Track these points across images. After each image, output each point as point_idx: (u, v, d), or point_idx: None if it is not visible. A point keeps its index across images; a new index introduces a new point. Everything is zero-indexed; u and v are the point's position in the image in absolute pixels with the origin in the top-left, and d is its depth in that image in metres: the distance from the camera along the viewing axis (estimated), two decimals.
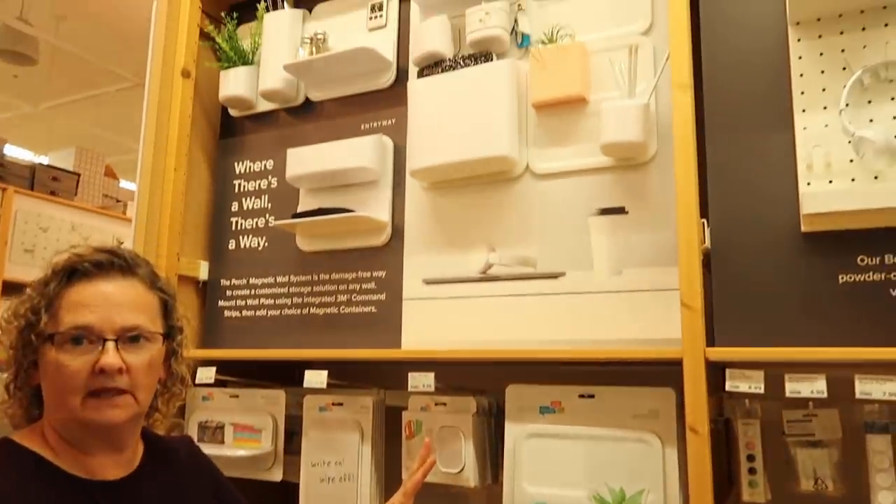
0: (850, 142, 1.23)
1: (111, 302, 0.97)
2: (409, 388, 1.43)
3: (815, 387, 1.14)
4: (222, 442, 1.74)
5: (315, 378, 1.53)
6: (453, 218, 1.62)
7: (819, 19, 1.30)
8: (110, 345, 0.95)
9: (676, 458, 1.26)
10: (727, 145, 1.33)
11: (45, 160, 4.67)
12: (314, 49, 1.82)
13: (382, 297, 1.66)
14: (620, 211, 1.46)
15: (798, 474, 1.28)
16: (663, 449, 1.26)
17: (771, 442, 1.33)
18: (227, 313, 1.87)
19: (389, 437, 1.63)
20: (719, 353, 1.20)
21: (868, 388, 1.10)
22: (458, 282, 1.57)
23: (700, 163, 1.33)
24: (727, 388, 1.19)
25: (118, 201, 4.56)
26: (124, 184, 4.97)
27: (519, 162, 1.55)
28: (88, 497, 0.95)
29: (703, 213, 1.31)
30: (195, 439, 1.77)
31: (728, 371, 1.20)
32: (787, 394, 1.15)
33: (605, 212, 1.47)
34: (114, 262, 1.01)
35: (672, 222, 1.34)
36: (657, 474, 1.25)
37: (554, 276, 1.48)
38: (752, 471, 1.30)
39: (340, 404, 1.60)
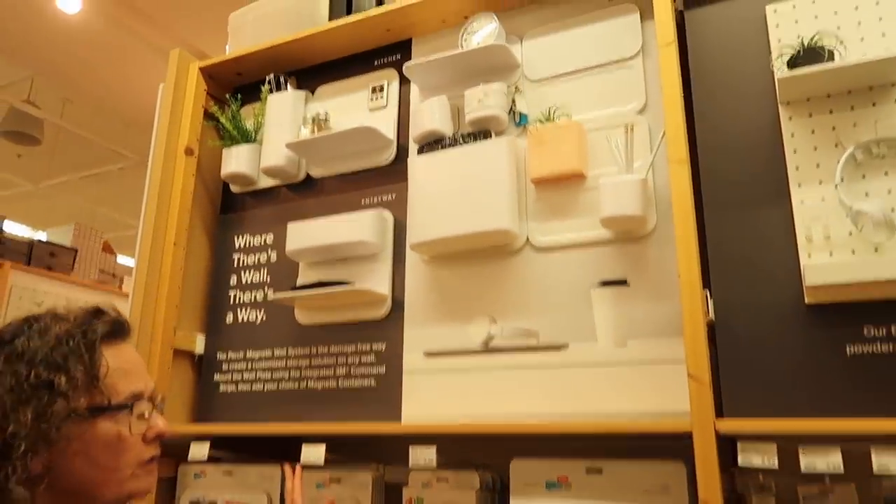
0: (847, 215, 1.25)
1: (143, 364, 0.95)
2: (410, 464, 1.39)
3: (830, 461, 1.11)
4: None
5: (313, 453, 1.49)
6: (454, 290, 1.62)
7: (808, 99, 1.35)
8: (157, 410, 0.92)
9: None
10: (726, 219, 1.36)
11: (43, 236, 4.68)
12: (316, 128, 1.87)
13: (382, 370, 1.63)
14: (622, 283, 1.46)
15: None
16: None
17: None
18: (222, 387, 1.83)
19: None
20: (729, 425, 1.18)
21: (886, 462, 1.07)
22: (460, 354, 1.55)
23: (700, 236, 1.34)
24: (740, 463, 1.16)
25: (114, 276, 4.55)
26: (121, 259, 4.97)
27: (519, 235, 1.56)
28: None
29: (706, 284, 1.31)
30: None
31: (740, 444, 1.17)
32: (803, 469, 1.12)
33: (607, 283, 1.47)
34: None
35: (674, 293, 1.35)
36: None
37: (557, 348, 1.46)
38: None
39: (338, 481, 1.55)
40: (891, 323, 1.18)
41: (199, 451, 1.64)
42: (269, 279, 1.90)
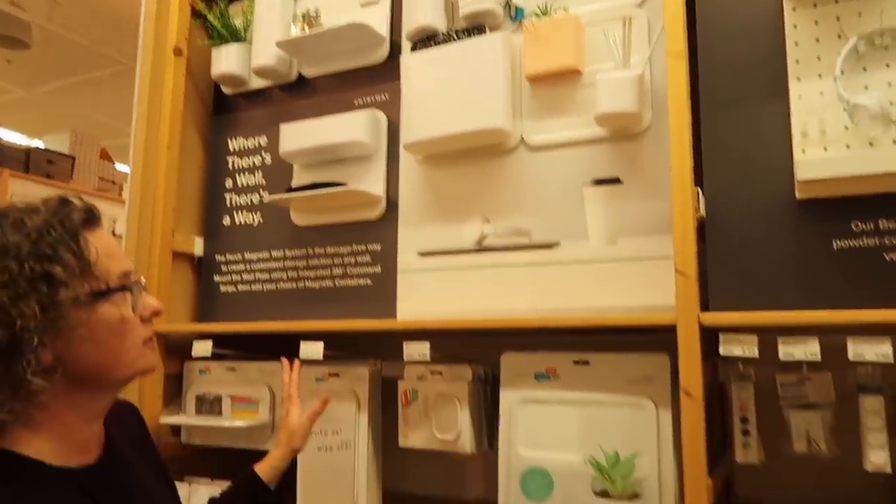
0: (844, 109, 1.23)
1: (121, 246, 0.96)
2: (405, 358, 1.44)
3: (808, 349, 1.14)
4: (220, 413, 1.75)
5: (311, 349, 1.54)
6: (448, 190, 1.62)
7: None
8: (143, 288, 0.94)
9: (670, 421, 1.27)
10: (722, 114, 1.34)
11: (40, 144, 4.65)
12: (306, 25, 1.81)
13: (377, 269, 1.66)
14: (615, 181, 1.46)
15: (791, 436, 1.29)
16: (657, 413, 1.27)
17: (764, 405, 1.34)
18: (222, 288, 1.87)
19: (386, 406, 1.64)
20: (713, 318, 1.21)
21: (861, 350, 1.11)
22: (453, 253, 1.57)
23: (695, 133, 1.33)
24: (721, 352, 1.20)
25: (114, 183, 4.55)
26: (120, 167, 4.95)
27: (513, 134, 1.55)
28: (81, 491, 0.87)
29: (698, 181, 1.31)
30: (194, 411, 1.78)
31: (722, 336, 1.21)
32: (781, 357, 1.16)
33: (600, 182, 1.47)
34: None
35: (667, 192, 1.35)
36: (651, 438, 1.26)
37: (549, 247, 1.48)
38: (745, 433, 1.32)
39: (337, 375, 1.61)
40: (879, 217, 1.19)
41: (203, 348, 1.69)
42: (264, 182, 1.90)
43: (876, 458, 1.19)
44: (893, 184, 1.18)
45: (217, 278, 1.89)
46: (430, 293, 1.58)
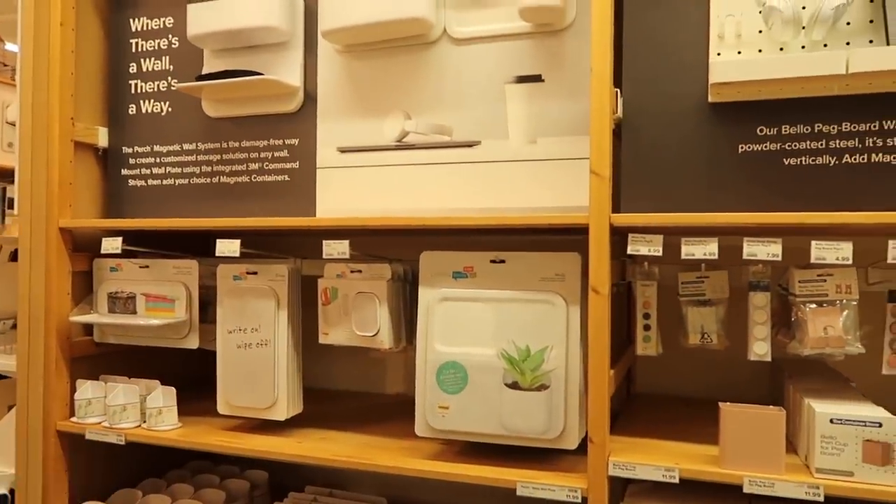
0: (760, 12, 1.24)
1: None
2: (324, 256, 1.43)
3: (707, 249, 1.21)
4: (134, 312, 1.71)
5: (227, 247, 1.51)
6: (368, 84, 1.56)
7: None
8: None
9: (579, 317, 1.33)
10: (645, 14, 1.32)
11: None
12: None
13: (295, 165, 1.62)
14: (537, 79, 1.44)
15: (687, 330, 1.39)
16: (567, 309, 1.33)
17: (666, 303, 1.43)
18: (131, 182, 1.78)
19: (306, 305, 1.65)
20: (623, 219, 1.25)
21: (754, 250, 1.18)
22: (373, 150, 1.54)
23: (617, 33, 1.32)
24: (629, 251, 1.25)
25: (6, 66, 4.15)
26: (10, 47, 4.50)
27: (436, 25, 1.49)
28: None
29: (618, 83, 1.32)
30: (106, 310, 1.74)
31: (630, 236, 1.26)
32: (683, 256, 1.22)
33: (522, 80, 1.45)
34: None
35: (587, 91, 1.35)
36: (561, 332, 1.33)
37: (469, 145, 1.47)
38: (646, 327, 1.41)
39: (255, 273, 1.59)
40: (783, 123, 1.23)
41: (112, 245, 1.63)
42: (171, 68, 1.77)
43: (759, 348, 1.29)
44: (799, 89, 1.22)
45: (125, 172, 1.80)
46: (350, 191, 1.56)
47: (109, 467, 1.87)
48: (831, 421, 1.15)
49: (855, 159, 1.20)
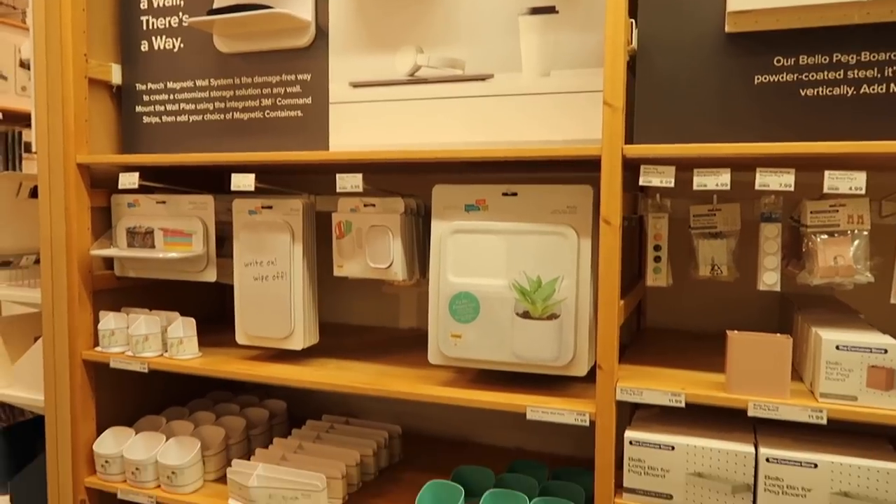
0: None
1: None
2: (338, 189, 1.45)
3: (720, 180, 1.21)
4: (153, 246, 1.75)
5: (242, 181, 1.53)
6: (380, 17, 1.55)
7: None
8: None
9: (590, 249, 1.35)
10: None
11: None
12: None
13: (308, 100, 1.62)
14: (551, 10, 1.42)
15: (698, 262, 1.40)
16: (579, 240, 1.35)
17: (677, 235, 1.44)
18: (145, 119, 1.79)
19: (320, 242, 1.68)
20: (636, 149, 1.25)
21: (766, 180, 1.18)
22: (386, 85, 1.54)
23: None
24: (641, 182, 1.26)
25: (15, 8, 4.12)
26: None
27: None
28: None
29: (633, 13, 1.30)
30: (125, 244, 1.78)
31: (643, 167, 1.26)
32: (695, 187, 1.22)
33: (536, 11, 1.43)
34: None
35: (602, 23, 1.33)
36: (572, 263, 1.35)
37: (482, 79, 1.47)
38: (657, 259, 1.42)
39: (270, 207, 1.61)
40: (800, 53, 1.22)
41: (129, 180, 1.65)
42: (182, 3, 1.76)
43: (768, 278, 1.31)
44: (818, 17, 1.20)
45: (139, 108, 1.81)
46: (363, 126, 1.57)
47: (134, 396, 1.94)
48: (837, 347, 1.18)
49: (874, 90, 1.19)
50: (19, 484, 2.00)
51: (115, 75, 1.82)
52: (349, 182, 1.46)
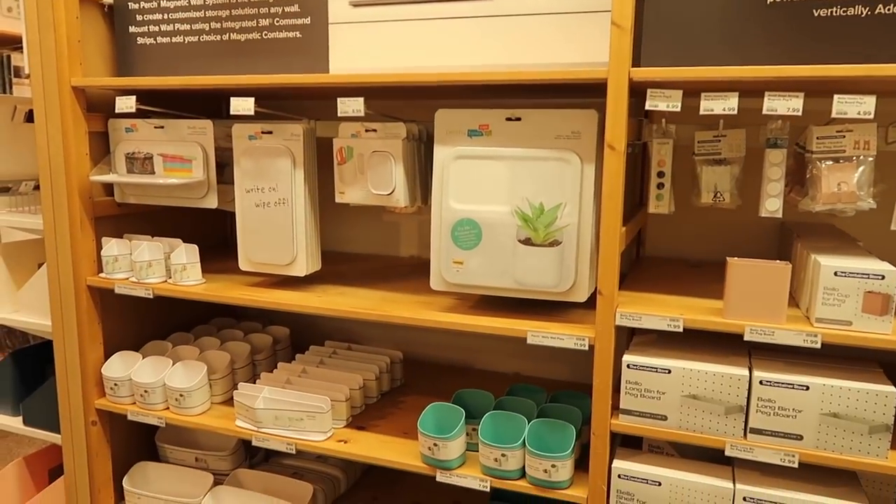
0: None
1: None
2: (339, 114, 1.43)
3: (727, 104, 1.19)
4: (153, 172, 1.74)
5: (242, 105, 1.50)
6: None
7: None
8: None
9: (593, 175, 1.34)
10: None
11: None
12: None
13: (307, 21, 1.57)
14: None
15: (700, 189, 1.40)
16: (582, 166, 1.34)
17: (681, 163, 1.44)
18: (139, 40, 1.74)
19: (320, 169, 1.66)
20: (643, 72, 1.23)
21: (774, 105, 1.17)
22: (387, 4, 1.49)
23: None
24: (647, 106, 1.24)
25: None
26: None
27: None
28: None
29: None
30: (125, 170, 1.76)
31: (649, 91, 1.24)
32: (701, 112, 1.21)
33: None
34: None
35: None
36: (575, 189, 1.34)
37: None
38: (660, 186, 1.42)
39: (270, 132, 1.59)
40: None
41: (126, 104, 1.62)
42: None
43: (770, 205, 1.31)
44: None
45: (133, 29, 1.76)
46: (363, 48, 1.53)
47: (139, 322, 1.97)
48: (836, 274, 1.19)
49: (889, 9, 1.16)
50: (30, 405, 2.05)
51: None
52: (350, 106, 1.43)
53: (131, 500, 1.87)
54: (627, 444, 1.49)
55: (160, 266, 1.72)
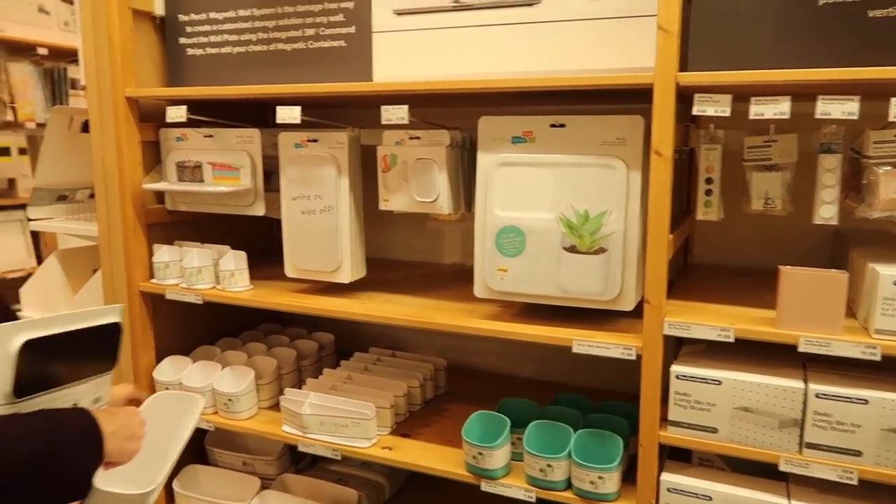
0: None
1: None
2: (383, 121, 1.44)
3: (778, 109, 1.16)
4: (202, 180, 1.78)
5: (288, 114, 1.52)
6: None
7: None
8: None
9: (640, 181, 1.32)
10: None
11: None
12: None
13: (352, 30, 1.59)
14: None
15: (750, 196, 1.36)
16: (628, 173, 1.32)
17: (730, 168, 1.40)
18: (189, 51, 1.79)
19: (366, 173, 1.68)
20: (690, 77, 1.21)
21: (828, 109, 1.13)
22: (430, 12, 1.50)
23: None
24: (694, 112, 1.21)
25: None
26: None
27: None
28: None
29: None
30: (175, 178, 1.81)
31: (697, 96, 1.22)
32: (752, 116, 1.18)
33: None
34: None
35: None
36: (621, 196, 1.32)
37: (529, 4, 1.41)
38: (708, 192, 1.39)
39: (315, 141, 1.62)
40: None
41: (177, 113, 1.67)
42: None
43: (825, 212, 1.27)
44: None
45: (182, 41, 1.80)
46: (408, 56, 1.54)
47: (188, 327, 2.02)
48: (895, 283, 1.14)
49: None
50: None
51: (158, 6, 1.81)
52: (394, 114, 1.44)
53: (181, 503, 1.91)
54: (675, 456, 1.46)
55: (209, 272, 1.76)
